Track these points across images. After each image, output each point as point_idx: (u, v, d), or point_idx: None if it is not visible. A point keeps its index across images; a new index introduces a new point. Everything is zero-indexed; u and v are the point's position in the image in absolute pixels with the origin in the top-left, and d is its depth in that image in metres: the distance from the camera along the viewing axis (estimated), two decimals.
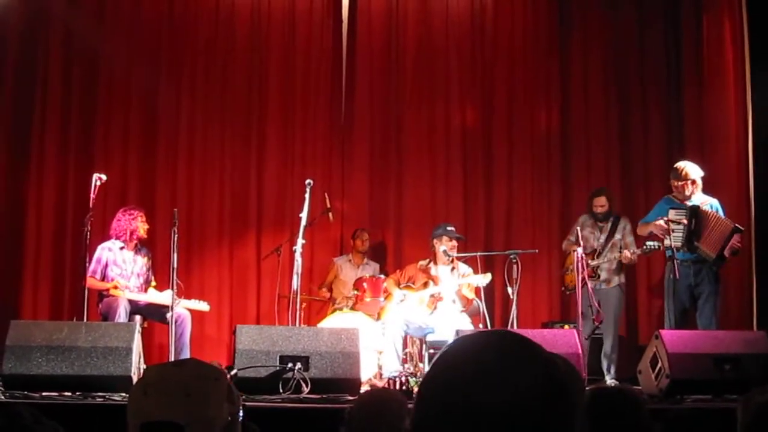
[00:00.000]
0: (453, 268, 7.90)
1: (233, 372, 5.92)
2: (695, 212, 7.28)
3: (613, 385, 7.08)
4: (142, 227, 7.47)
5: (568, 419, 1.21)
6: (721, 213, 7.45)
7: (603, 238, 7.64)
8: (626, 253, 7.66)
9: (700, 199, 7.44)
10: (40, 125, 8.88)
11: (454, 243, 7.89)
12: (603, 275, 7.76)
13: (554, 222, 9.29)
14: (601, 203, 7.96)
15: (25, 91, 8.92)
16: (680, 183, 7.38)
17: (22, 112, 8.89)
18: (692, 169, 7.42)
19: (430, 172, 9.39)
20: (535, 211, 9.33)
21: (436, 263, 7.98)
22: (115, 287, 7.26)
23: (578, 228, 8.04)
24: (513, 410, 1.17)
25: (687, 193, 7.40)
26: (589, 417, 2.48)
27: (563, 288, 8.22)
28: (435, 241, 7.94)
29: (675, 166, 7.52)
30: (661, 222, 7.27)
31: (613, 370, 7.59)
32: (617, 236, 7.87)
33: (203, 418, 1.77)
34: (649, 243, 7.45)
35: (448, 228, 7.99)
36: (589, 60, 9.59)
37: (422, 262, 8.08)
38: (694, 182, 7.40)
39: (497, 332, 1.31)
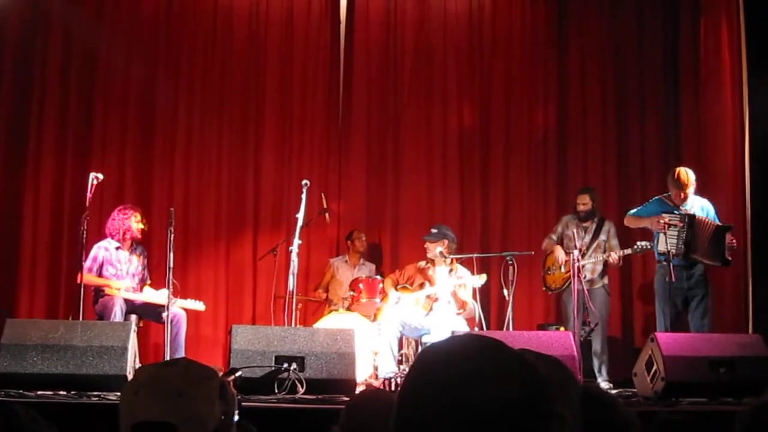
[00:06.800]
0: (451, 270, 7.91)
1: (238, 374, 5.90)
2: (691, 223, 7.25)
3: (605, 386, 7.11)
4: (135, 227, 7.45)
5: (547, 422, 1.23)
6: (713, 214, 7.47)
7: (588, 238, 7.61)
8: (614, 254, 7.66)
9: (692, 201, 7.44)
10: (37, 125, 8.86)
11: (429, 245, 7.90)
12: (587, 275, 7.74)
13: (550, 224, 9.22)
14: (584, 201, 7.99)
15: (22, 90, 8.89)
16: (683, 192, 7.36)
17: (20, 111, 8.88)
18: (691, 176, 7.40)
19: (427, 172, 9.40)
20: (532, 213, 9.34)
21: (434, 264, 7.99)
22: (118, 288, 7.26)
23: (561, 227, 8.06)
24: (495, 411, 1.19)
25: (685, 199, 7.39)
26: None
27: (545, 288, 8.20)
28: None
29: (675, 173, 7.41)
30: (659, 219, 7.23)
31: (604, 371, 7.60)
32: (602, 237, 7.89)
33: (195, 417, 1.78)
34: (639, 243, 7.45)
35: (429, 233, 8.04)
36: (586, 62, 9.60)
37: (421, 263, 8.10)
38: (691, 187, 7.41)
39: (475, 335, 1.33)
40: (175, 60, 9.25)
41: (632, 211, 7.73)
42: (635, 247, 7.48)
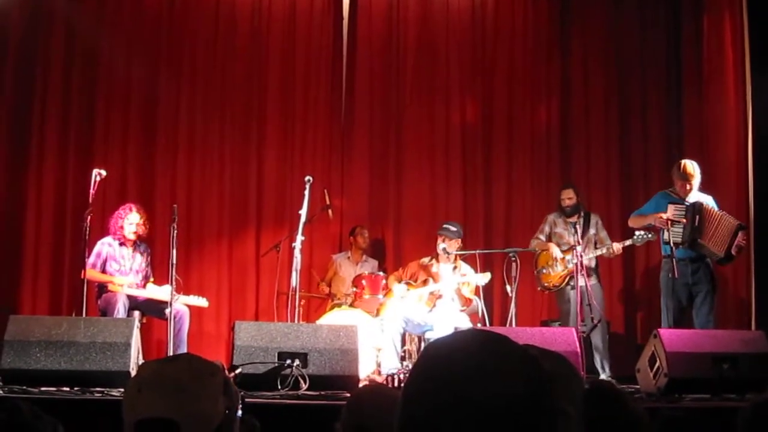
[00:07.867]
0: (455, 267, 7.91)
1: (237, 371, 5.92)
2: (698, 210, 7.26)
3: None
4: (128, 229, 7.41)
5: (552, 417, 1.23)
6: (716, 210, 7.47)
7: (579, 234, 7.59)
8: (616, 246, 7.64)
9: (696, 196, 7.44)
10: (40, 121, 8.87)
11: (443, 240, 7.88)
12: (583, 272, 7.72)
13: None
14: (569, 195, 7.99)
15: (25, 87, 8.89)
16: (688, 183, 7.37)
17: (22, 109, 8.88)
18: (696, 168, 7.42)
19: (430, 169, 9.40)
20: (534, 210, 9.32)
21: (438, 261, 7.99)
22: (121, 285, 7.26)
23: (548, 226, 8.03)
24: (499, 407, 1.19)
25: (690, 191, 7.39)
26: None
27: (541, 288, 8.13)
28: (438, 239, 7.99)
29: (681, 165, 7.46)
30: (662, 215, 7.24)
31: (607, 367, 7.59)
32: (591, 231, 7.88)
33: (198, 414, 1.78)
34: (639, 233, 7.44)
35: (443, 226, 8.01)
36: (589, 59, 9.60)
37: (425, 259, 8.09)
38: (696, 179, 7.41)
39: (479, 331, 1.33)
40: (177, 57, 9.25)
41: (636, 211, 7.73)
42: (635, 237, 7.47)
